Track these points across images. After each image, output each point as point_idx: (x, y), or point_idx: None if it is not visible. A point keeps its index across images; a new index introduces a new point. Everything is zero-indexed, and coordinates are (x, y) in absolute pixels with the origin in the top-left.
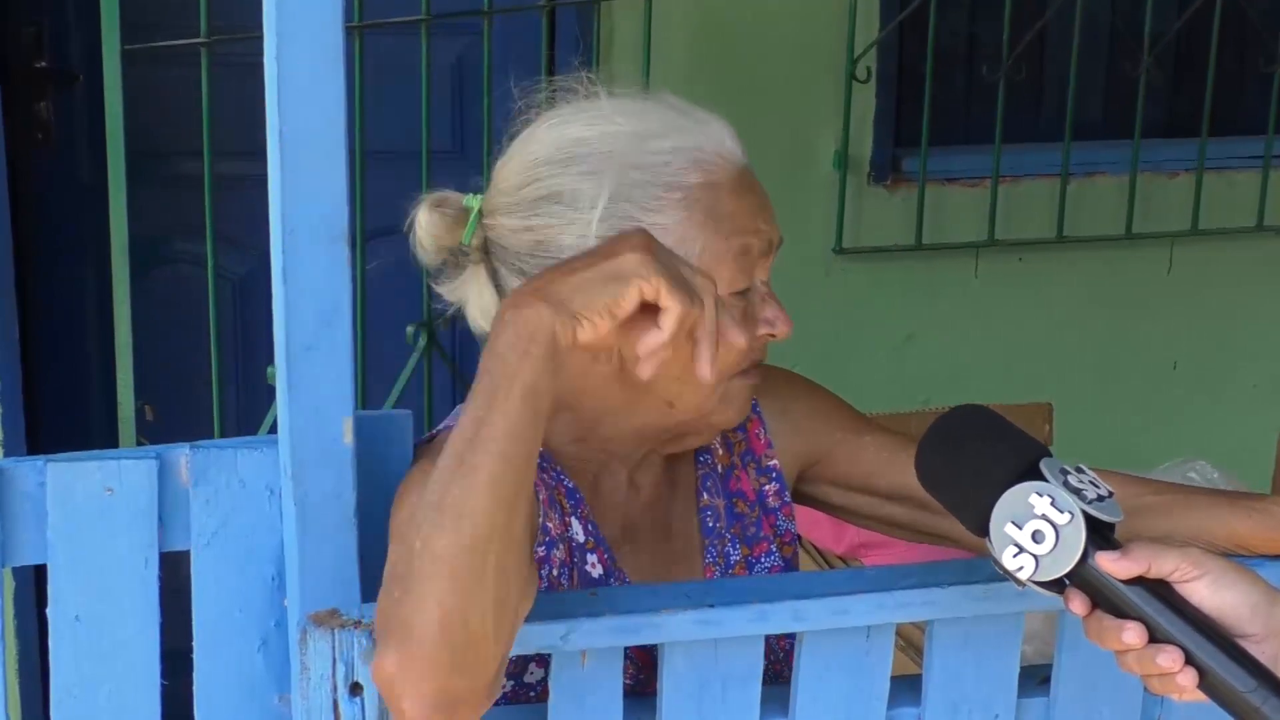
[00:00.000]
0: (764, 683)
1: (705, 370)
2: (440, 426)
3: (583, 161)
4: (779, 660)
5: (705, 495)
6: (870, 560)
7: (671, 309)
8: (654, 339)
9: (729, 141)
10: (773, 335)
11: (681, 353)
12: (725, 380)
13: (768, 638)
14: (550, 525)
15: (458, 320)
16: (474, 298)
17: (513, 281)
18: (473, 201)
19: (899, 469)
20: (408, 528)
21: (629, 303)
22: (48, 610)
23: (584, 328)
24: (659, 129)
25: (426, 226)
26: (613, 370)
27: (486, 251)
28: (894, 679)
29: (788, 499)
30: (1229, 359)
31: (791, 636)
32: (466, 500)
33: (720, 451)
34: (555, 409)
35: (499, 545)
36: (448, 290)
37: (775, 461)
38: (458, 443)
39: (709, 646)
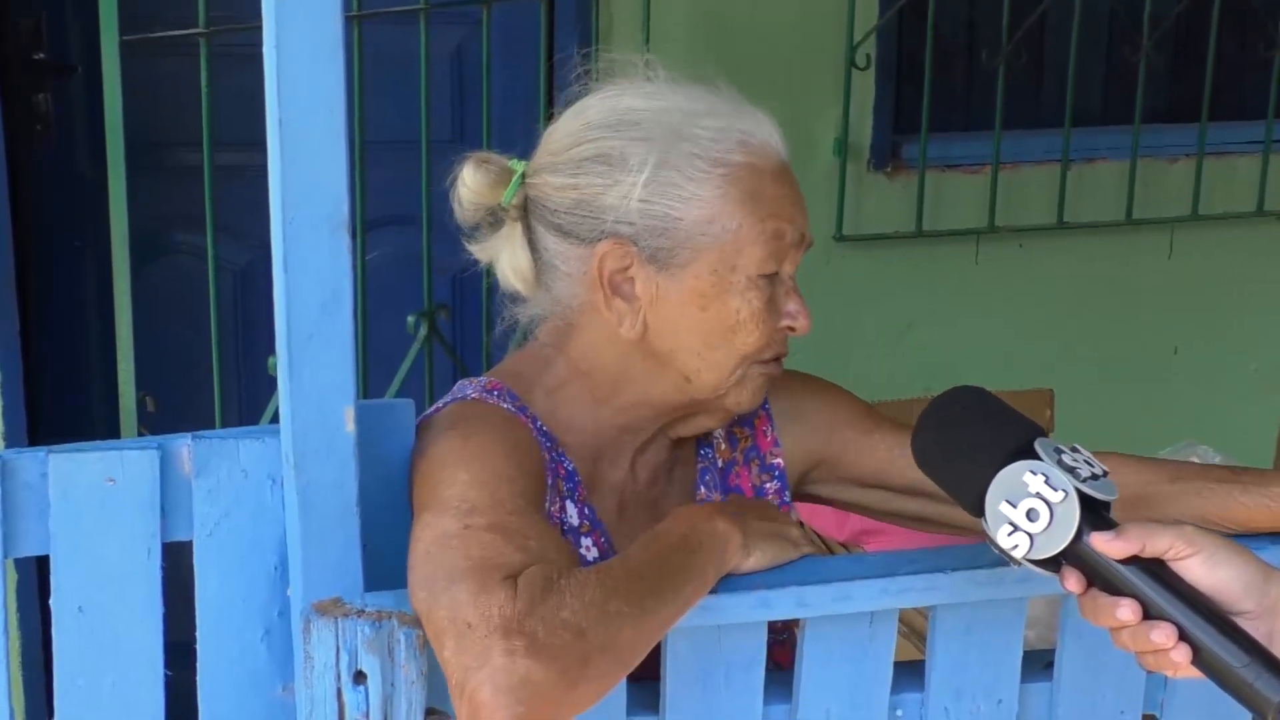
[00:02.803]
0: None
1: None
2: (449, 399)
3: (634, 128)
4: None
5: (702, 489)
6: (872, 547)
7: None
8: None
9: (775, 135)
10: (792, 329)
11: (702, 329)
12: (745, 365)
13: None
14: (552, 510)
15: (458, 310)
16: (506, 255)
17: (547, 239)
18: (517, 165)
19: (910, 464)
20: (466, 506)
21: (787, 559)
22: (50, 601)
23: (751, 560)
24: (711, 109)
25: (469, 183)
26: (636, 337)
27: (525, 211)
28: (897, 664)
29: (787, 499)
30: (1229, 344)
31: (778, 634)
32: (655, 619)
33: (723, 446)
34: (570, 376)
35: (634, 662)
36: (480, 249)
37: (779, 461)
38: (657, 570)
39: (712, 633)
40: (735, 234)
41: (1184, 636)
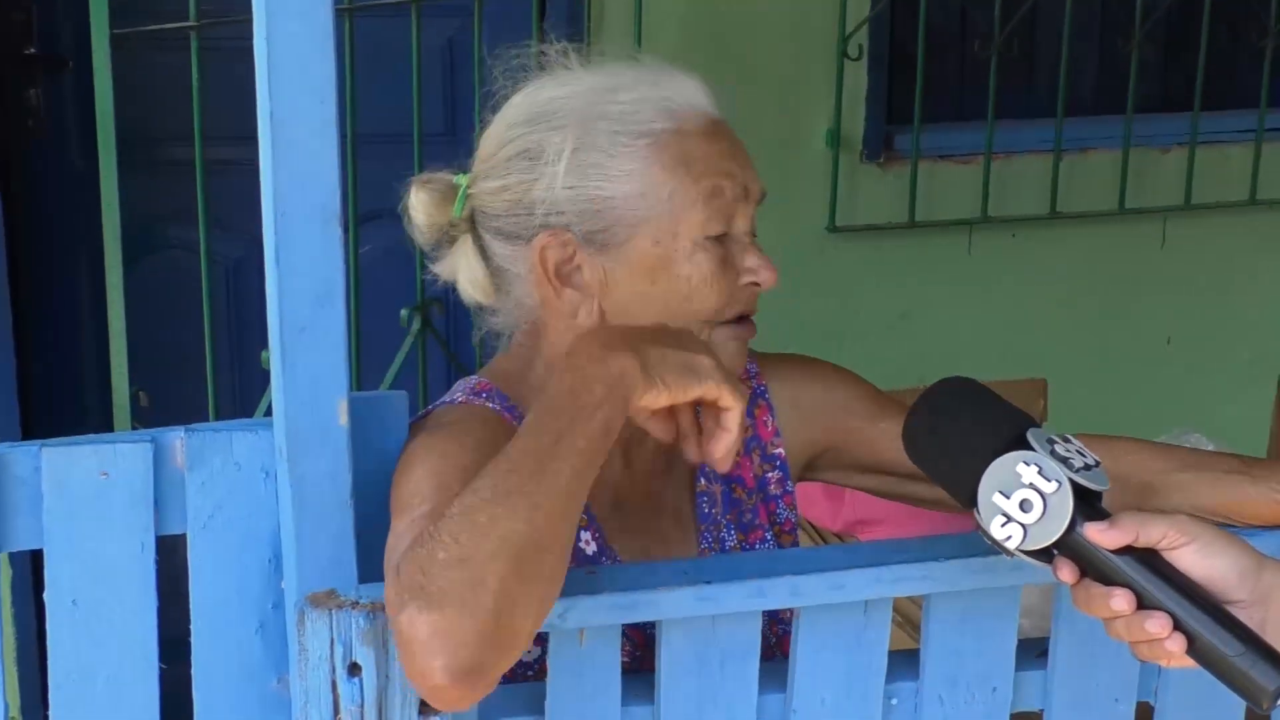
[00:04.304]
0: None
1: (720, 457)
2: (438, 403)
3: (551, 118)
4: (770, 648)
5: (703, 480)
6: (866, 536)
7: (735, 409)
8: (725, 441)
9: (700, 94)
10: (756, 284)
11: (656, 303)
12: (708, 329)
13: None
14: None
15: (451, 303)
16: (464, 269)
17: (496, 246)
18: (461, 179)
19: None
20: (417, 500)
21: (695, 393)
22: (45, 595)
23: (655, 393)
24: (628, 82)
25: (417, 205)
26: (595, 324)
27: (473, 222)
28: (891, 653)
29: (790, 488)
30: (1222, 333)
31: (786, 624)
32: (542, 499)
33: None
34: (550, 373)
35: (558, 547)
36: (440, 267)
37: (781, 450)
38: (532, 449)
39: (707, 623)
40: (669, 201)
41: (1178, 626)
